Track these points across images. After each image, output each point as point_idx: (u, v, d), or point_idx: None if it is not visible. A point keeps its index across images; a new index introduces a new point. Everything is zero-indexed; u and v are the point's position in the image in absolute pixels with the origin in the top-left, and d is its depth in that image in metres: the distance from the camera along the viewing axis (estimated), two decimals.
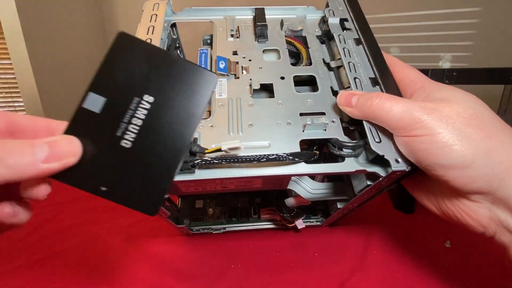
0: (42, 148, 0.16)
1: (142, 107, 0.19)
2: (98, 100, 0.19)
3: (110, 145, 0.19)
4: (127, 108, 0.19)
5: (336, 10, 0.36)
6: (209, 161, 0.23)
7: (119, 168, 0.19)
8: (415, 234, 0.41)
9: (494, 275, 0.35)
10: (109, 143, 0.19)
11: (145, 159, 0.19)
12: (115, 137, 0.19)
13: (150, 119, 0.19)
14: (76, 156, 0.18)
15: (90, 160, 0.18)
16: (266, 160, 0.24)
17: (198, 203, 0.42)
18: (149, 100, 0.19)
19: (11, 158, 0.15)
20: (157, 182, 0.19)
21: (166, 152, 0.19)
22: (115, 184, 0.19)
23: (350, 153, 0.26)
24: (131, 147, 0.19)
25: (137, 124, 0.19)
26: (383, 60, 0.30)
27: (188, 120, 0.19)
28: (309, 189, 0.34)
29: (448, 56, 1.00)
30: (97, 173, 0.19)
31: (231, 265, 0.37)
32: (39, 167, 0.16)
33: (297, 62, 0.35)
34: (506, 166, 0.21)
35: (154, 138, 0.19)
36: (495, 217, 0.22)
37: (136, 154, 0.19)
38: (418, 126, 0.22)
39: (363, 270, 0.36)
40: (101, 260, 0.38)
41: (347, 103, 0.26)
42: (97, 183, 0.19)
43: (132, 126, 0.19)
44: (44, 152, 0.16)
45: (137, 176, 0.19)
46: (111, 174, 0.19)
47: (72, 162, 0.18)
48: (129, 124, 0.19)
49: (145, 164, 0.19)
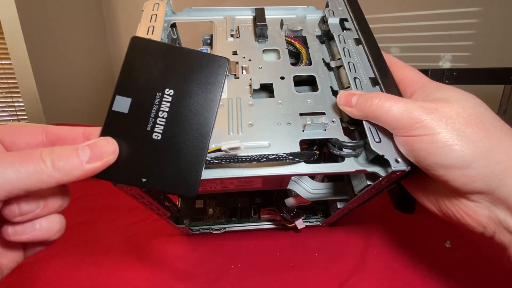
0: (85, 151, 0.18)
1: (165, 100, 0.21)
2: (125, 101, 0.20)
3: (143, 140, 0.20)
4: (152, 103, 0.20)
5: (336, 10, 0.36)
6: (209, 161, 0.23)
7: (155, 159, 0.20)
8: (415, 234, 0.41)
9: (494, 275, 0.35)
10: (141, 138, 0.20)
11: (176, 147, 0.20)
12: (146, 131, 0.20)
13: (175, 110, 0.21)
14: (115, 154, 0.20)
15: (127, 156, 0.20)
16: (266, 160, 0.24)
17: (198, 203, 0.42)
18: (170, 93, 0.21)
19: (60, 161, 0.18)
20: (191, 165, 0.21)
21: (194, 137, 0.21)
22: (154, 174, 0.20)
23: (350, 153, 0.26)
24: (161, 138, 0.20)
25: (164, 116, 0.20)
26: (383, 60, 0.30)
27: (208, 105, 0.21)
28: (309, 189, 0.34)
29: (448, 56, 1.00)
30: (136, 166, 0.20)
31: (231, 265, 0.37)
32: (84, 167, 0.18)
33: (297, 62, 0.35)
34: (505, 166, 0.21)
35: (181, 126, 0.21)
36: (494, 217, 0.22)
37: (168, 144, 0.20)
38: (418, 126, 0.22)
39: (363, 270, 0.36)
40: (101, 260, 0.38)
41: (347, 103, 0.26)
42: (137, 176, 0.20)
43: (159, 119, 0.20)
44: (87, 154, 0.18)
45: (173, 163, 0.20)
46: (148, 166, 0.20)
47: (112, 160, 0.20)
48: (157, 118, 0.20)
49: (178, 151, 0.20)
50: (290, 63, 0.33)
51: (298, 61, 0.35)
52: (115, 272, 0.36)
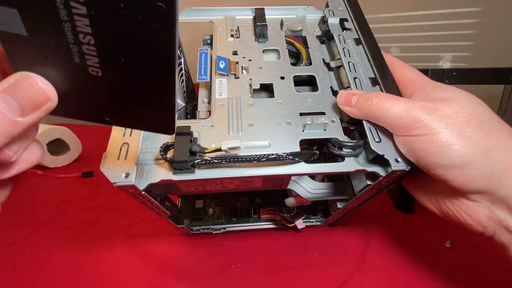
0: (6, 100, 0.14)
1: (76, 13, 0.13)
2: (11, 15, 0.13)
3: (79, 75, 0.15)
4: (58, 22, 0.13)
5: (336, 10, 0.36)
6: (209, 161, 0.23)
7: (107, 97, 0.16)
8: (415, 234, 0.41)
9: (494, 275, 0.35)
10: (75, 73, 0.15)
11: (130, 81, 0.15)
12: (76, 65, 0.14)
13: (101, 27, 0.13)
14: (53, 100, 0.15)
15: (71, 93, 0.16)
16: (266, 159, 0.24)
17: (198, 203, 0.42)
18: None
19: None
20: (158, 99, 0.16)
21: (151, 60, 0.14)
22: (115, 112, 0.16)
23: (350, 152, 0.26)
24: (104, 75, 0.15)
25: (89, 42, 0.14)
26: (383, 60, 0.30)
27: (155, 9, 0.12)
28: (309, 189, 0.34)
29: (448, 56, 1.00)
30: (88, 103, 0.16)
31: (231, 265, 0.37)
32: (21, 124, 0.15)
33: (297, 62, 0.35)
34: (505, 165, 0.21)
35: (125, 51, 0.14)
36: (494, 216, 0.22)
37: (117, 79, 0.15)
38: (418, 125, 0.22)
39: (363, 270, 0.36)
40: (101, 260, 0.38)
41: (347, 103, 0.26)
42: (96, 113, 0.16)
43: (85, 47, 0.14)
44: (13, 105, 0.14)
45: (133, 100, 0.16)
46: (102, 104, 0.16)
47: (52, 106, 0.16)
48: (80, 45, 0.14)
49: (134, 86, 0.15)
50: (290, 63, 0.33)
51: (298, 61, 0.35)
52: (115, 272, 0.36)
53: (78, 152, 0.64)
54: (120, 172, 0.23)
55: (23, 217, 0.46)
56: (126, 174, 0.22)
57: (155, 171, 0.24)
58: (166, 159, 0.23)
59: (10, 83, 0.15)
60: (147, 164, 0.24)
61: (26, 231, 0.42)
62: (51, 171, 0.59)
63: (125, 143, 0.24)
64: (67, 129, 0.61)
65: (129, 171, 0.23)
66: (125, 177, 0.22)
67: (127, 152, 0.24)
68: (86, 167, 0.58)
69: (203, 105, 0.32)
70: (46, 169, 0.59)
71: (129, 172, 0.23)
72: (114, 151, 0.24)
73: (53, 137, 0.58)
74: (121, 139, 0.25)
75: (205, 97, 0.33)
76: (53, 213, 0.46)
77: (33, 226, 0.43)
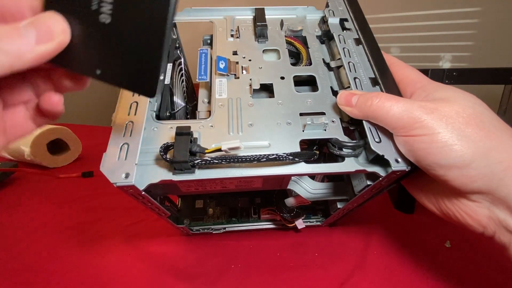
0: (29, 30, 0.16)
1: None
2: None
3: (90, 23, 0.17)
4: None
5: (336, 10, 0.36)
6: (209, 161, 0.23)
7: (107, 47, 0.18)
8: (415, 234, 0.41)
9: (494, 275, 0.35)
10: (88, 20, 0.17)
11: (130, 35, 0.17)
12: (91, 12, 0.17)
13: None
14: (66, 33, 0.17)
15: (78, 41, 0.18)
16: (266, 160, 0.24)
17: (198, 203, 0.42)
18: None
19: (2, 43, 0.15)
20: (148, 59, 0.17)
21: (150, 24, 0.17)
22: (108, 65, 0.18)
23: (350, 153, 0.26)
24: (111, 22, 0.17)
25: None
26: (383, 60, 0.30)
27: None
28: (309, 189, 0.34)
29: (448, 56, 0.99)
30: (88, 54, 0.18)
31: (231, 265, 0.37)
32: (34, 50, 0.16)
33: (297, 62, 0.35)
34: (505, 165, 0.21)
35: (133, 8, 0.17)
36: (494, 216, 0.22)
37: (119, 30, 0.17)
38: (418, 125, 0.22)
39: (363, 270, 0.36)
40: (101, 260, 0.38)
41: (347, 103, 0.26)
42: (92, 66, 0.18)
43: None
44: (33, 34, 0.16)
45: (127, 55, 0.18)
46: (100, 55, 0.18)
47: (65, 41, 0.17)
48: None
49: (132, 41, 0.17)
50: (290, 63, 0.33)
51: (298, 61, 0.35)
52: (115, 272, 0.36)
53: (78, 152, 0.64)
54: (120, 172, 0.23)
55: (23, 217, 0.46)
56: (126, 174, 0.22)
57: (155, 171, 0.24)
58: (166, 159, 0.23)
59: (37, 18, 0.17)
60: (147, 164, 0.24)
61: (26, 231, 0.42)
62: (51, 171, 0.59)
63: (125, 143, 0.24)
64: (67, 129, 0.61)
65: (129, 171, 0.23)
66: (125, 177, 0.22)
67: (127, 152, 0.24)
68: (86, 167, 0.58)
69: (203, 105, 0.32)
70: (46, 169, 0.59)
71: (129, 172, 0.23)
72: (114, 151, 0.24)
73: (53, 137, 0.58)
74: (121, 139, 0.25)
75: (205, 97, 0.33)
76: (53, 213, 0.46)
77: (33, 226, 0.43)
